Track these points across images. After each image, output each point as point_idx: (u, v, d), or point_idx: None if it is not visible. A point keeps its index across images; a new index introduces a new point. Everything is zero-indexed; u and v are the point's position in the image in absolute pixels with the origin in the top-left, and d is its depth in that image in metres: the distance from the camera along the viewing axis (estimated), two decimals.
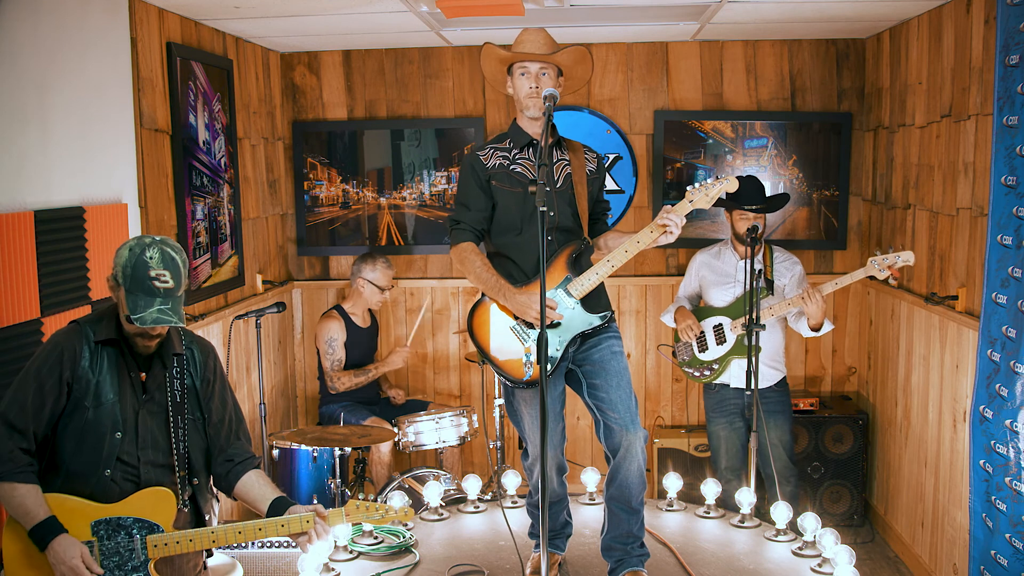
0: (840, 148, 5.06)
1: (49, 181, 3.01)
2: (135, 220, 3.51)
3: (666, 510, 3.64)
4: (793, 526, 3.33)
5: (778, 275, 4.18)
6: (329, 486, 4.14)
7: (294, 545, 3.53)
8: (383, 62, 5.20)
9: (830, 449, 4.82)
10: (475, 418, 4.63)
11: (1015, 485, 3.23)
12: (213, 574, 2.93)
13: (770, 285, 4.10)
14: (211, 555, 2.78)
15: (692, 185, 2.93)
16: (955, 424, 3.82)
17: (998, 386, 3.31)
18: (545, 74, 2.90)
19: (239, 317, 4.19)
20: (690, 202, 2.90)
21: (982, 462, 3.42)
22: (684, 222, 2.84)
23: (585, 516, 3.56)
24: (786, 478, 4.12)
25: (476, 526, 3.52)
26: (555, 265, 2.91)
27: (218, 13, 4.01)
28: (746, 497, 3.51)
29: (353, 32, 4.68)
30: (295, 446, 4.19)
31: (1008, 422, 3.25)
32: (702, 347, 4.22)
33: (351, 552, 3.21)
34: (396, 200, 5.27)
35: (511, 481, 3.70)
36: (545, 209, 2.39)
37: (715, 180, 2.89)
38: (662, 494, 3.74)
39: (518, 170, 2.95)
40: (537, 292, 2.80)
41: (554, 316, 2.86)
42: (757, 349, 3.76)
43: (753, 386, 3.74)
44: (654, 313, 5.24)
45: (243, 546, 3.55)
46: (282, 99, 5.23)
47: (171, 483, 2.54)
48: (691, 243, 4.98)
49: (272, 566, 3.54)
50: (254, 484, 2.65)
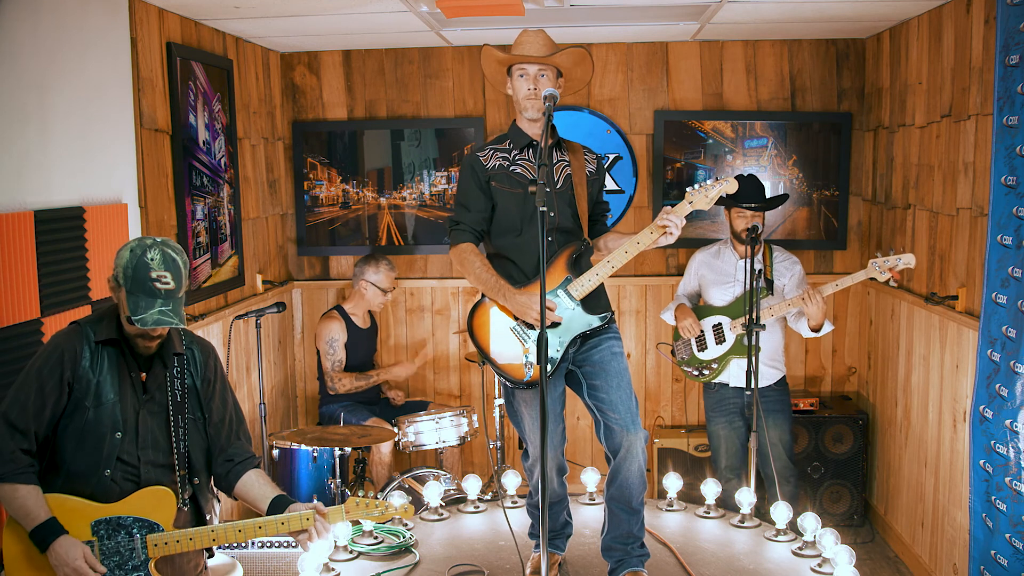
0: (840, 148, 5.06)
1: (49, 181, 3.01)
2: (135, 220, 3.51)
3: (666, 510, 3.64)
4: (793, 526, 3.33)
5: (778, 275, 4.18)
6: (329, 486, 4.14)
7: (294, 544, 3.53)
8: (383, 62, 5.20)
9: (830, 449, 4.82)
10: (475, 418, 4.63)
11: (1015, 485, 3.23)
12: (213, 574, 2.93)
13: (770, 285, 4.10)
14: (212, 555, 2.78)
15: (692, 186, 2.93)
16: (955, 424, 3.82)
17: (998, 386, 3.31)
18: (544, 76, 2.90)
19: (239, 317, 4.19)
20: (690, 203, 2.90)
21: (982, 462, 3.42)
22: (684, 223, 2.84)
23: (585, 516, 3.56)
24: (786, 478, 4.12)
25: (476, 526, 3.52)
26: (555, 266, 2.91)
27: (218, 13, 4.01)
28: (746, 497, 3.51)
29: (353, 32, 4.67)
30: (295, 446, 4.19)
31: (1008, 422, 3.25)
32: (701, 346, 4.23)
33: (351, 552, 3.21)
34: (396, 200, 5.27)
35: (511, 481, 3.70)
36: (545, 209, 2.39)
37: (715, 181, 2.89)
38: (662, 494, 3.74)
39: (518, 171, 2.95)
40: (537, 293, 2.80)
41: (554, 317, 2.86)
42: (757, 349, 3.76)
43: (753, 386, 3.74)
44: (654, 313, 5.24)
45: (243, 546, 3.55)
46: (282, 99, 5.23)
47: (171, 483, 2.54)
48: (691, 243, 4.98)
49: (272, 566, 3.55)
50: (254, 483, 2.65)
